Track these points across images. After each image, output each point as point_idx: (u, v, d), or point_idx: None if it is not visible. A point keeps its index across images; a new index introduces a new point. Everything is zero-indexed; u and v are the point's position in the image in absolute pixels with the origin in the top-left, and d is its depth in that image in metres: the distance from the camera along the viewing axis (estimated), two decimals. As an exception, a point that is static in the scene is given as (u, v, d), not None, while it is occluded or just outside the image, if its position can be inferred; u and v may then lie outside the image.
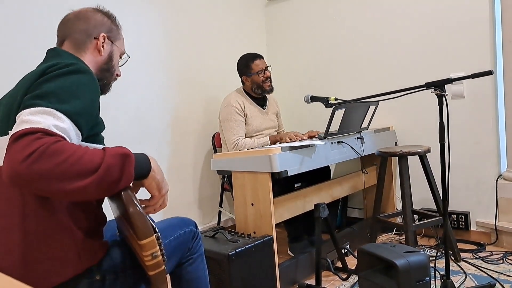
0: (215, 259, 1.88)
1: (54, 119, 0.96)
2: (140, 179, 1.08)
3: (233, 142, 2.69)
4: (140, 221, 1.02)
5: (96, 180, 0.94)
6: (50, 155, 0.90)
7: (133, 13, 2.67)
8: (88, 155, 0.95)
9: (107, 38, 1.33)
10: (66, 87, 1.03)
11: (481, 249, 2.61)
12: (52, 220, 1.06)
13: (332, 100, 2.20)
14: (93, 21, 1.32)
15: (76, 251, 1.07)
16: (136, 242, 1.03)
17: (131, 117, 2.64)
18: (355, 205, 3.34)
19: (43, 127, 0.93)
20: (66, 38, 1.30)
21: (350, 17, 3.20)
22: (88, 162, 0.94)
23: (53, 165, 0.90)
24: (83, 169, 0.93)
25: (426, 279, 1.74)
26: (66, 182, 0.91)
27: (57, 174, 0.90)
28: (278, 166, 2.05)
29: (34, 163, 0.88)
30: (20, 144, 0.90)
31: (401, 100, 2.80)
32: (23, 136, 0.91)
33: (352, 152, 2.55)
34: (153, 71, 2.79)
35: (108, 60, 1.34)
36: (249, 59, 2.83)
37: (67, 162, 0.91)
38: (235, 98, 2.79)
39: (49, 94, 1.00)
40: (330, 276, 2.38)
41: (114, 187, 0.98)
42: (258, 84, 2.80)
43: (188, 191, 3.01)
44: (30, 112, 0.95)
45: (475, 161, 2.73)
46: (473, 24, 2.66)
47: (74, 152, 0.93)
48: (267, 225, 2.12)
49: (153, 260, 1.04)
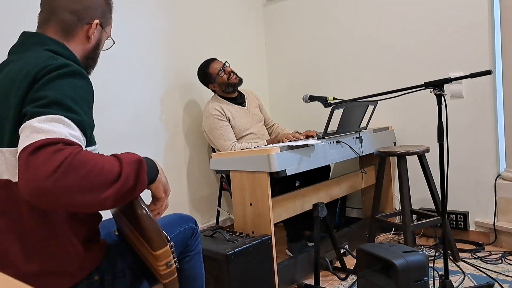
0: (214, 258, 1.88)
1: (65, 126, 0.91)
2: (149, 185, 1.06)
3: (228, 147, 2.66)
4: (155, 233, 1.01)
5: (116, 190, 0.91)
6: (76, 167, 0.85)
7: (131, 14, 2.66)
8: (108, 165, 0.91)
9: (99, 24, 1.21)
10: (71, 94, 0.97)
11: (479, 249, 2.61)
12: (52, 233, 1.03)
13: (330, 99, 2.20)
14: (86, 2, 1.19)
15: (76, 260, 1.06)
16: (150, 252, 1.02)
17: (130, 117, 2.64)
18: (354, 204, 3.34)
19: (61, 137, 0.87)
20: (52, 17, 1.16)
21: (348, 17, 3.20)
22: (108, 172, 0.90)
23: (79, 178, 0.85)
24: (106, 180, 0.89)
25: (425, 279, 1.74)
26: (90, 194, 0.87)
27: (83, 187, 0.86)
28: (276, 165, 2.05)
29: (62, 178, 0.82)
30: (41, 157, 0.83)
31: (400, 100, 2.80)
32: (42, 147, 0.84)
33: (351, 151, 2.54)
34: (152, 71, 2.79)
35: (95, 48, 1.25)
36: (205, 67, 2.83)
37: (92, 173, 0.87)
38: (212, 106, 2.76)
39: (56, 102, 0.94)
40: (329, 276, 2.38)
41: (130, 195, 0.95)
42: (225, 83, 2.79)
43: (186, 190, 3.01)
44: (39, 121, 0.89)
45: (474, 161, 2.73)
46: (472, 24, 2.66)
47: (96, 163, 0.89)
48: (265, 225, 2.12)
49: (167, 269, 1.04)
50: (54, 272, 1.03)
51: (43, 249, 1.02)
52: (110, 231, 1.29)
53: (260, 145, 2.68)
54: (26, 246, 1.02)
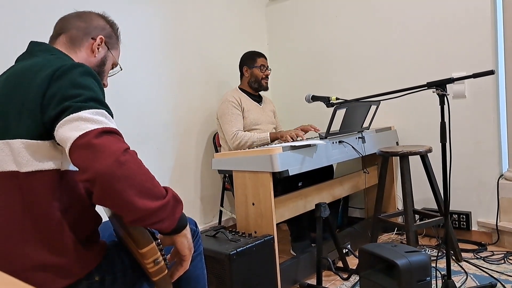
0: (216, 258, 1.88)
1: (108, 120, 0.98)
2: (174, 233, 1.06)
3: (232, 133, 2.71)
4: (137, 231, 1.02)
5: (158, 207, 0.95)
6: (139, 162, 0.92)
7: (134, 12, 2.67)
8: (155, 180, 0.97)
9: (104, 42, 1.31)
10: (98, 91, 1.04)
11: (482, 249, 2.60)
12: (52, 227, 1.04)
13: (333, 99, 2.20)
14: (94, 23, 1.31)
15: (75, 257, 1.06)
16: (137, 251, 1.03)
17: (132, 116, 2.64)
18: (356, 204, 3.34)
19: (116, 128, 0.96)
20: (63, 32, 1.27)
21: (351, 17, 3.20)
22: (157, 186, 0.96)
23: (142, 173, 0.91)
24: (156, 191, 0.95)
25: (427, 279, 1.74)
26: (140, 195, 0.92)
27: (139, 181, 0.91)
28: (279, 165, 2.05)
29: (131, 161, 0.89)
30: (109, 139, 0.91)
31: (402, 100, 2.80)
32: (104, 133, 0.92)
33: (353, 151, 2.55)
34: (154, 71, 2.79)
35: (100, 64, 1.32)
36: (255, 54, 2.92)
37: (147, 175, 0.93)
38: (231, 94, 2.85)
39: (90, 98, 1.00)
40: (331, 275, 2.38)
41: (158, 224, 0.98)
42: (257, 78, 2.88)
43: (189, 190, 3.01)
44: (89, 113, 0.96)
45: (476, 161, 2.73)
46: (475, 24, 2.65)
47: (148, 170, 0.95)
48: (268, 225, 2.12)
49: (155, 267, 1.04)
50: (52, 266, 1.03)
51: (42, 242, 1.03)
52: (112, 233, 1.29)
53: (262, 137, 2.69)
54: (26, 240, 1.02)
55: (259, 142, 2.68)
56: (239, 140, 2.68)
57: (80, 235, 1.08)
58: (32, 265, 1.02)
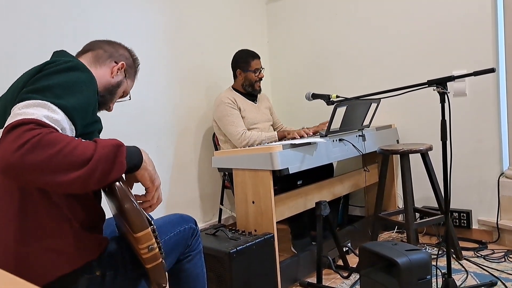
0: (216, 256, 1.88)
1: (48, 111, 0.96)
2: (133, 171, 1.08)
3: (239, 134, 2.69)
4: (134, 215, 1.02)
5: (89, 171, 0.94)
6: (44, 146, 0.89)
7: (134, 11, 2.66)
8: (81, 147, 0.94)
9: (124, 69, 1.38)
10: (63, 83, 1.03)
11: (482, 247, 2.60)
12: (51, 212, 1.06)
13: (333, 97, 2.19)
14: (121, 51, 1.40)
15: (74, 243, 1.07)
16: (132, 235, 1.03)
17: (132, 115, 2.64)
18: (357, 203, 3.34)
19: (36, 118, 0.93)
20: (90, 49, 1.35)
21: (351, 14, 3.19)
22: (81, 153, 0.94)
23: (46, 156, 0.89)
24: (76, 161, 0.93)
25: (428, 277, 1.74)
26: (59, 173, 0.91)
27: (50, 165, 0.90)
28: (279, 163, 2.05)
29: (27, 154, 0.88)
30: (13, 135, 0.90)
31: (403, 98, 2.78)
32: (15, 127, 0.91)
33: (354, 150, 2.54)
34: (154, 69, 2.79)
35: (115, 86, 1.36)
36: (249, 56, 2.87)
37: (61, 154, 0.91)
38: (225, 95, 2.82)
39: (45, 89, 1.00)
40: (331, 274, 2.38)
41: (106, 178, 0.97)
42: (251, 82, 2.86)
43: (189, 188, 3.01)
44: (25, 105, 0.96)
45: (477, 159, 2.72)
46: (475, 22, 2.65)
47: (68, 144, 0.92)
48: (268, 223, 2.12)
49: (149, 253, 1.04)
50: (52, 249, 1.05)
51: (40, 224, 1.05)
52: (114, 229, 1.30)
53: (270, 136, 2.68)
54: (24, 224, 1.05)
55: (268, 141, 2.66)
56: (247, 139, 2.66)
57: (80, 221, 1.10)
58: (29, 251, 1.05)
